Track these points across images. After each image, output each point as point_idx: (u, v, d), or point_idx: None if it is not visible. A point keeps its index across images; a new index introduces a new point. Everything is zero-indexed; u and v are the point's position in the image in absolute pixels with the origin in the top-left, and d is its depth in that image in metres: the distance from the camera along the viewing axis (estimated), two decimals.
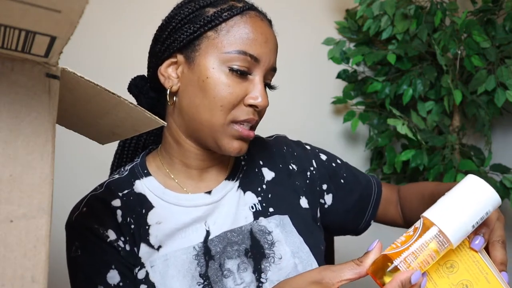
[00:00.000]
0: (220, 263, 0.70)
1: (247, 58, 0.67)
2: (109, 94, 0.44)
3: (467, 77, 1.47)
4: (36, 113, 0.38)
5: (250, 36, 0.68)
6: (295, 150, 0.85)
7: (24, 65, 0.38)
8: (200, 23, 0.68)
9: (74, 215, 0.70)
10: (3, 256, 0.36)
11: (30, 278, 0.37)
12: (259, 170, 0.81)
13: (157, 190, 0.73)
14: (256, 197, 0.77)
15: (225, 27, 0.68)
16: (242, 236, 0.73)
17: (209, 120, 0.68)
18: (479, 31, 1.36)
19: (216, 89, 0.66)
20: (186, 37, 0.68)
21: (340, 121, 1.65)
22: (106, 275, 0.66)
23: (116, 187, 0.72)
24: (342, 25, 1.62)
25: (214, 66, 0.67)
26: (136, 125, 0.52)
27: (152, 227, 0.69)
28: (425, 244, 0.51)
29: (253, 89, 0.69)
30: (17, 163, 0.37)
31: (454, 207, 0.53)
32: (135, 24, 1.41)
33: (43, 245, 0.38)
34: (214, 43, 0.67)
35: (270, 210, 0.77)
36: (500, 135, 1.64)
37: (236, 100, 0.67)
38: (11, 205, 0.37)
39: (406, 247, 0.51)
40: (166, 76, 0.71)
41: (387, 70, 1.56)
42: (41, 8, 0.31)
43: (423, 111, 1.50)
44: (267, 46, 0.69)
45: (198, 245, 0.70)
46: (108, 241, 0.67)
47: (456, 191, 0.54)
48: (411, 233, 0.53)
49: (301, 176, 0.83)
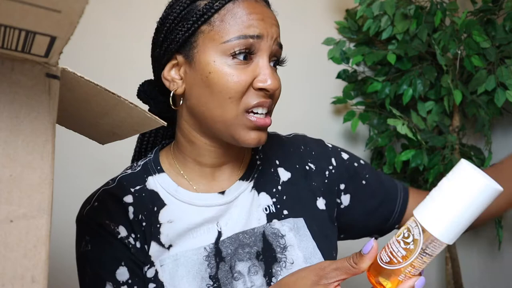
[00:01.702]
0: (230, 265, 0.68)
1: (247, 41, 0.64)
2: (109, 94, 0.44)
3: (467, 77, 1.47)
4: (36, 113, 0.38)
5: (245, 19, 0.65)
6: (314, 149, 0.82)
7: (24, 65, 0.38)
8: (193, 19, 0.66)
9: (85, 210, 0.69)
10: (3, 256, 0.36)
11: (30, 278, 0.37)
12: (275, 170, 0.78)
13: (170, 187, 0.71)
14: (271, 199, 0.75)
15: (218, 18, 0.65)
16: (254, 238, 0.71)
17: (221, 116, 0.66)
18: (479, 31, 1.36)
19: (221, 82, 0.64)
20: (181, 36, 0.67)
21: (340, 121, 1.65)
22: (116, 272, 0.65)
23: (128, 183, 0.71)
24: (342, 25, 1.62)
25: (214, 59, 0.65)
26: (136, 125, 0.52)
27: (163, 226, 0.68)
28: (424, 254, 0.50)
29: (260, 71, 0.66)
30: (17, 163, 0.37)
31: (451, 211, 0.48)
32: (135, 24, 1.41)
33: (43, 245, 0.38)
34: (210, 36, 0.65)
35: (285, 213, 0.74)
36: (500, 135, 1.64)
37: (244, 87, 0.65)
38: (11, 205, 0.37)
39: (409, 263, 0.49)
40: (170, 80, 0.69)
41: (387, 70, 1.56)
42: (41, 8, 0.31)
43: (423, 111, 1.50)
44: (265, 22, 0.66)
45: (209, 246, 0.69)
46: (119, 237, 0.66)
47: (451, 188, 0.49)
48: (412, 247, 0.49)
49: (319, 176, 0.80)
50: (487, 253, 1.70)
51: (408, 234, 0.50)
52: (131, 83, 1.38)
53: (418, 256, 0.49)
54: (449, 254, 1.52)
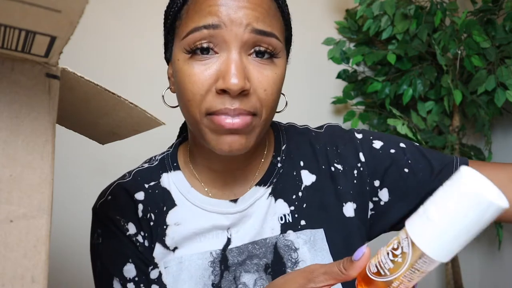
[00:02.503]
0: (235, 276, 0.64)
1: (202, 33, 0.55)
2: (109, 94, 0.44)
3: (467, 77, 1.47)
4: (36, 113, 0.38)
5: (203, 6, 0.55)
6: (340, 146, 0.71)
7: (24, 65, 0.38)
8: (171, 13, 0.61)
9: (99, 202, 0.68)
10: (3, 256, 0.36)
11: (30, 278, 0.37)
12: (297, 173, 0.70)
13: (183, 187, 0.68)
14: (288, 207, 0.68)
15: (186, 10, 0.58)
16: (265, 249, 0.66)
17: (187, 119, 0.60)
18: (479, 31, 1.36)
19: (181, 82, 0.57)
20: (165, 33, 0.64)
21: (340, 121, 1.65)
22: (123, 268, 0.65)
23: (142, 178, 0.69)
24: (342, 25, 1.62)
25: (178, 57, 0.58)
26: (136, 125, 0.52)
27: (169, 228, 0.66)
28: (413, 270, 0.45)
29: (223, 68, 0.55)
30: (17, 163, 0.37)
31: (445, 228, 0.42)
32: (135, 24, 1.41)
33: (43, 245, 0.38)
34: (178, 32, 0.59)
35: (302, 223, 0.67)
36: (500, 135, 1.63)
37: (203, 89, 0.55)
38: (11, 205, 0.37)
39: (396, 277, 0.45)
40: (171, 79, 0.67)
41: (387, 70, 1.56)
42: (41, 8, 0.31)
43: (423, 111, 1.50)
44: (228, 7, 0.54)
45: (216, 252, 0.65)
46: (127, 234, 0.65)
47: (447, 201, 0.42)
48: (400, 260, 0.44)
49: (346, 176, 0.69)
50: (487, 253, 1.70)
51: (397, 246, 0.45)
52: (131, 83, 1.38)
53: (406, 270, 0.44)
54: None
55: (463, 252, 1.60)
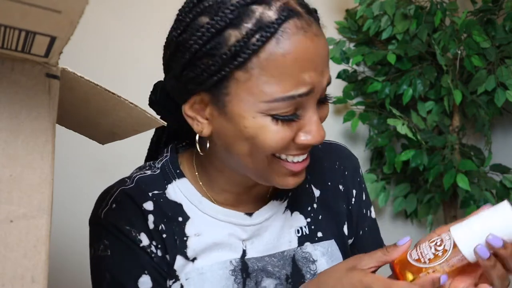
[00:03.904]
0: (256, 281, 0.64)
1: (296, 101, 0.52)
2: (109, 94, 0.44)
3: (467, 77, 1.47)
4: (36, 113, 0.38)
5: (294, 70, 0.51)
6: (348, 169, 0.73)
7: (24, 65, 0.38)
8: (223, 58, 0.51)
9: (103, 211, 0.63)
10: (3, 256, 0.36)
11: (30, 278, 0.37)
12: (309, 186, 0.70)
13: (194, 198, 0.65)
14: (305, 219, 0.68)
15: (257, 63, 0.51)
16: (283, 262, 0.65)
17: (255, 167, 0.57)
18: (479, 31, 1.36)
19: (260, 138, 0.53)
20: (207, 77, 0.53)
21: (340, 121, 1.65)
22: (138, 280, 0.61)
23: (146, 186, 0.64)
24: (342, 25, 1.62)
25: (253, 116, 0.53)
26: (136, 125, 0.52)
27: (190, 239, 0.63)
28: (449, 265, 0.55)
29: (305, 124, 0.55)
30: (17, 163, 0.37)
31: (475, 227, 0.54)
32: (135, 24, 1.41)
33: (43, 245, 0.38)
34: (247, 87, 0.52)
35: (319, 235, 0.68)
36: (500, 135, 1.63)
37: (286, 143, 0.54)
38: (11, 205, 0.37)
39: (432, 266, 0.55)
40: (193, 118, 0.58)
41: (387, 70, 1.56)
42: (41, 8, 0.31)
43: (423, 111, 1.50)
44: (316, 70, 0.53)
45: (235, 260, 0.64)
46: (141, 245, 0.62)
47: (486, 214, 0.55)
48: (440, 254, 0.55)
49: (345, 200, 0.72)
50: None
51: (440, 243, 0.56)
52: (131, 83, 1.38)
53: (443, 263, 0.54)
54: None
55: None
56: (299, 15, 0.52)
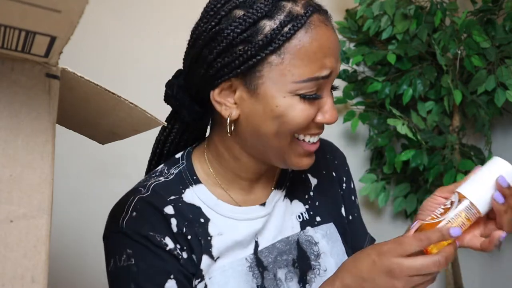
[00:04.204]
0: (274, 273, 0.69)
1: (319, 82, 0.61)
2: (109, 94, 0.44)
3: (467, 77, 1.47)
4: (36, 113, 0.39)
5: (319, 55, 0.60)
6: (337, 159, 0.83)
7: (24, 65, 0.38)
8: (259, 44, 0.58)
9: (124, 220, 0.64)
10: (3, 256, 0.36)
11: (30, 278, 0.37)
12: (305, 176, 0.77)
13: (210, 201, 0.68)
14: (303, 206, 0.75)
15: (289, 48, 0.59)
16: (289, 246, 0.71)
17: (278, 145, 0.64)
18: (479, 31, 1.36)
19: (289, 116, 0.61)
20: (242, 62, 0.59)
21: (340, 121, 1.64)
22: (165, 285, 0.62)
23: (164, 192, 0.67)
24: (342, 25, 1.62)
25: (284, 95, 0.60)
26: (136, 125, 0.52)
27: (214, 238, 0.66)
28: (459, 214, 0.61)
29: (323, 105, 0.64)
30: (17, 163, 0.38)
31: (480, 182, 0.62)
32: (135, 24, 1.41)
33: (43, 245, 0.38)
34: (279, 70, 0.59)
35: (317, 220, 0.75)
36: (500, 135, 1.64)
37: (309, 121, 0.63)
38: (11, 205, 0.37)
39: (444, 218, 0.61)
40: (222, 103, 0.63)
41: (387, 70, 1.56)
42: (41, 8, 0.31)
43: (423, 111, 1.50)
44: (335, 56, 0.63)
45: (249, 257, 0.68)
46: (167, 249, 0.63)
47: (483, 169, 0.64)
48: (449, 206, 0.62)
49: (338, 185, 0.81)
50: (487, 253, 1.70)
51: (447, 202, 0.64)
52: (131, 83, 1.38)
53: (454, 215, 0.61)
54: None
55: (463, 252, 1.60)
56: (320, 11, 0.63)
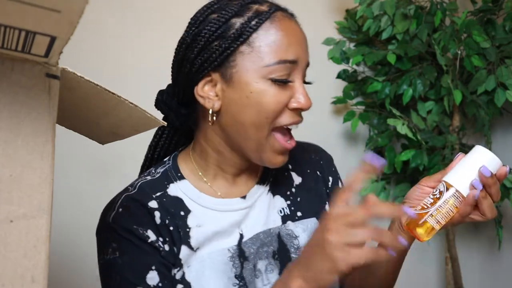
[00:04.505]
0: (254, 264, 0.72)
1: (286, 66, 0.67)
2: (109, 94, 0.44)
3: (467, 77, 1.47)
4: (36, 113, 0.39)
5: (284, 41, 0.67)
6: (322, 159, 0.86)
7: (24, 65, 0.38)
8: (231, 38, 0.66)
9: (111, 216, 0.69)
10: (3, 256, 0.36)
11: (30, 278, 0.37)
12: (288, 174, 0.82)
13: (192, 194, 0.72)
14: (285, 201, 0.79)
15: (257, 38, 0.66)
16: (271, 238, 0.75)
17: (255, 134, 0.68)
18: (479, 31, 1.36)
19: (262, 101, 0.66)
20: (218, 55, 0.66)
21: (340, 121, 1.65)
22: (146, 276, 0.66)
23: (149, 189, 0.71)
24: (342, 25, 1.62)
25: (257, 81, 0.66)
26: (136, 125, 0.52)
27: (192, 230, 0.70)
28: (446, 202, 0.66)
29: (295, 92, 0.68)
30: (17, 163, 0.38)
31: (465, 170, 0.67)
32: (135, 24, 1.41)
33: (43, 245, 0.38)
34: (250, 57, 0.66)
35: (298, 215, 0.78)
36: (500, 135, 1.64)
37: (282, 106, 0.67)
38: (11, 205, 0.37)
39: (434, 208, 0.66)
40: (205, 97, 0.69)
41: (387, 70, 1.56)
42: (41, 8, 0.31)
43: (423, 111, 1.50)
44: (301, 46, 0.69)
45: (232, 248, 0.71)
46: (149, 241, 0.67)
47: (466, 158, 0.68)
48: (438, 196, 0.67)
49: (324, 184, 0.84)
50: (487, 253, 1.70)
51: (436, 191, 0.68)
52: (131, 83, 1.38)
53: (441, 203, 0.66)
54: (449, 254, 1.52)
55: (463, 252, 1.60)
56: (284, 10, 0.71)
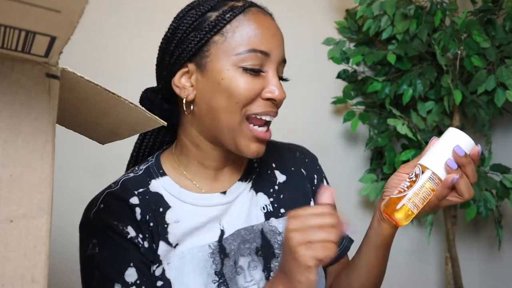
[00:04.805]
0: (234, 261, 0.72)
1: (257, 55, 0.68)
2: (109, 94, 0.44)
3: (467, 77, 1.47)
4: (36, 113, 0.39)
5: (257, 32, 0.69)
6: (307, 158, 0.87)
7: (24, 65, 0.38)
8: (205, 29, 0.69)
9: (92, 212, 0.70)
10: (3, 256, 0.36)
11: (30, 278, 0.37)
12: (271, 172, 0.83)
13: (173, 189, 0.73)
14: (268, 198, 0.79)
15: (230, 29, 0.69)
16: (254, 234, 0.75)
17: (228, 121, 0.69)
18: (479, 31, 1.36)
19: (232, 86, 0.68)
20: (194, 45, 0.69)
21: (340, 121, 1.65)
22: (125, 273, 0.66)
23: (132, 185, 0.72)
24: (342, 25, 1.62)
25: (228, 68, 0.68)
26: (136, 125, 0.52)
27: (170, 226, 0.71)
28: (423, 185, 0.66)
29: (268, 83, 0.70)
30: (17, 163, 0.38)
31: (439, 152, 0.67)
32: (135, 24, 1.41)
33: (43, 245, 0.38)
34: (223, 47, 0.68)
35: (282, 211, 0.79)
36: (500, 135, 1.64)
37: (254, 94, 0.69)
38: (11, 205, 0.37)
39: (411, 191, 0.66)
40: (181, 87, 0.71)
41: (387, 70, 1.56)
42: (41, 8, 0.31)
43: (423, 111, 1.50)
44: (274, 39, 0.70)
45: (213, 244, 0.72)
46: (128, 237, 0.68)
47: (440, 140, 0.68)
48: (414, 179, 0.67)
49: (309, 181, 0.85)
50: (487, 253, 1.70)
51: (412, 174, 0.68)
52: (131, 83, 1.38)
53: (418, 186, 0.66)
54: (449, 254, 1.52)
55: (463, 252, 1.60)
56: (259, 6, 0.73)
